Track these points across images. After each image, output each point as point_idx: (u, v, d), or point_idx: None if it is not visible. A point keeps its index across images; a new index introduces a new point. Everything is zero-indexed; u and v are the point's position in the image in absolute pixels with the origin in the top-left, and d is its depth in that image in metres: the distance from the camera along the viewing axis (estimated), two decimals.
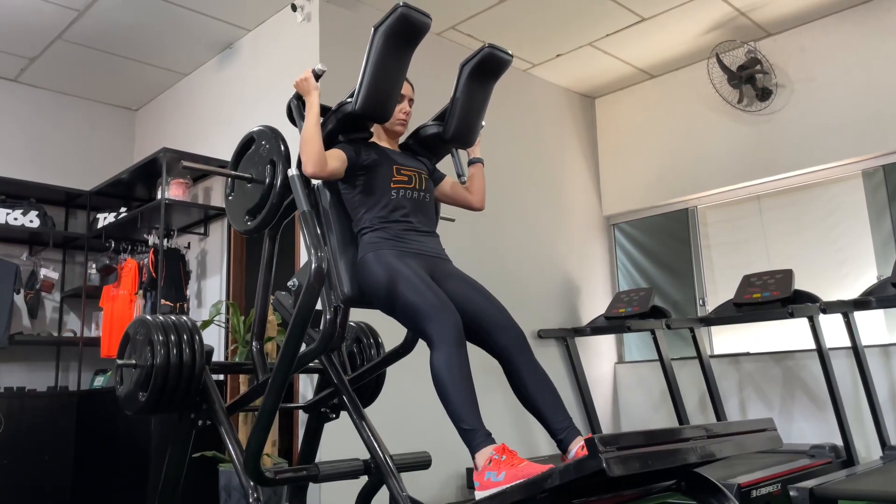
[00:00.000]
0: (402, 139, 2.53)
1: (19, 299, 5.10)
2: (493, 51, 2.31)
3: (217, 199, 5.05)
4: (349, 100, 2.25)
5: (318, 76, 2.24)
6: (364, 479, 2.45)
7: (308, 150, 2.14)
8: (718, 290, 5.37)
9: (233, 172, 2.38)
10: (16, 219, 5.03)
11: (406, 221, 2.26)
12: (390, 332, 2.69)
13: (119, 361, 2.42)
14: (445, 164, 2.60)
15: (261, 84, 4.78)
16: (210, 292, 4.97)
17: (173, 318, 2.48)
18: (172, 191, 4.79)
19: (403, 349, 2.53)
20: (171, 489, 2.52)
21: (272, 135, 2.35)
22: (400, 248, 2.20)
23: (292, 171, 2.14)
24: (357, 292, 2.22)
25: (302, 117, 2.25)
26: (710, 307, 5.24)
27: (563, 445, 2.01)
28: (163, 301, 4.68)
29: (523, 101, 5.56)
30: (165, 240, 4.77)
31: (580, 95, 6.07)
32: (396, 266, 2.12)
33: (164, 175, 4.68)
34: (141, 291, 4.88)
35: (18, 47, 5.01)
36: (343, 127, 2.31)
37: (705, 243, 5.54)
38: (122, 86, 5.63)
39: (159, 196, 4.70)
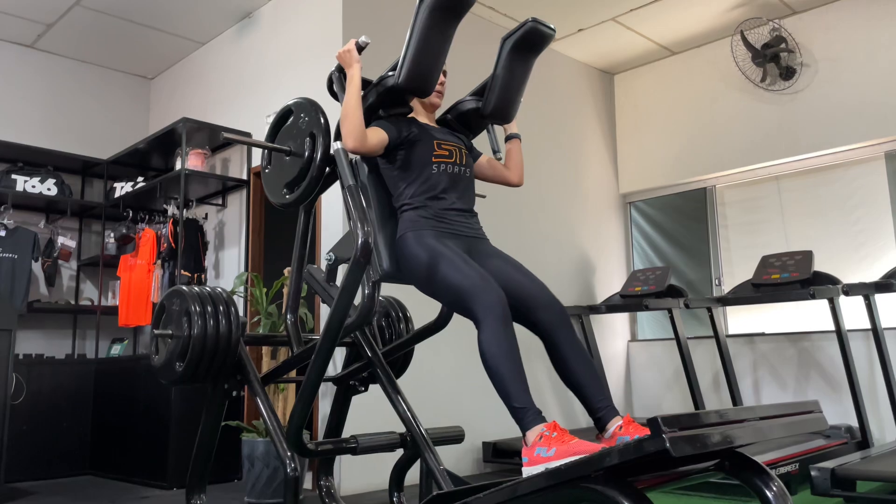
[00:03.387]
0: (438, 113, 2.51)
1: (37, 267, 5.11)
2: (537, 25, 2.26)
3: (235, 171, 5.03)
4: (391, 73, 2.22)
5: (360, 48, 2.21)
6: (386, 455, 2.45)
7: (348, 125, 2.12)
8: (735, 270, 5.37)
9: (272, 145, 2.34)
10: (34, 186, 5.02)
11: (446, 198, 2.25)
12: (419, 306, 2.70)
13: (156, 331, 2.43)
14: (480, 142, 2.59)
15: (281, 55, 4.73)
16: (228, 263, 4.97)
17: (208, 289, 2.48)
18: (191, 161, 4.77)
19: (437, 325, 2.52)
20: (204, 456, 2.55)
21: (311, 107, 2.31)
22: (439, 229, 2.19)
23: (337, 145, 2.12)
24: (395, 268, 2.23)
25: (343, 90, 2.22)
26: (726, 287, 5.25)
27: (600, 423, 2.01)
28: (181, 271, 4.68)
29: (542, 76, 5.50)
30: (185, 210, 4.76)
31: (600, 71, 6.02)
32: (436, 247, 2.12)
33: (184, 145, 4.66)
34: (159, 261, 4.88)
35: (36, 13, 4.95)
36: (383, 101, 2.28)
37: (722, 223, 5.53)
38: (138, 54, 5.58)
39: (178, 166, 4.68)
